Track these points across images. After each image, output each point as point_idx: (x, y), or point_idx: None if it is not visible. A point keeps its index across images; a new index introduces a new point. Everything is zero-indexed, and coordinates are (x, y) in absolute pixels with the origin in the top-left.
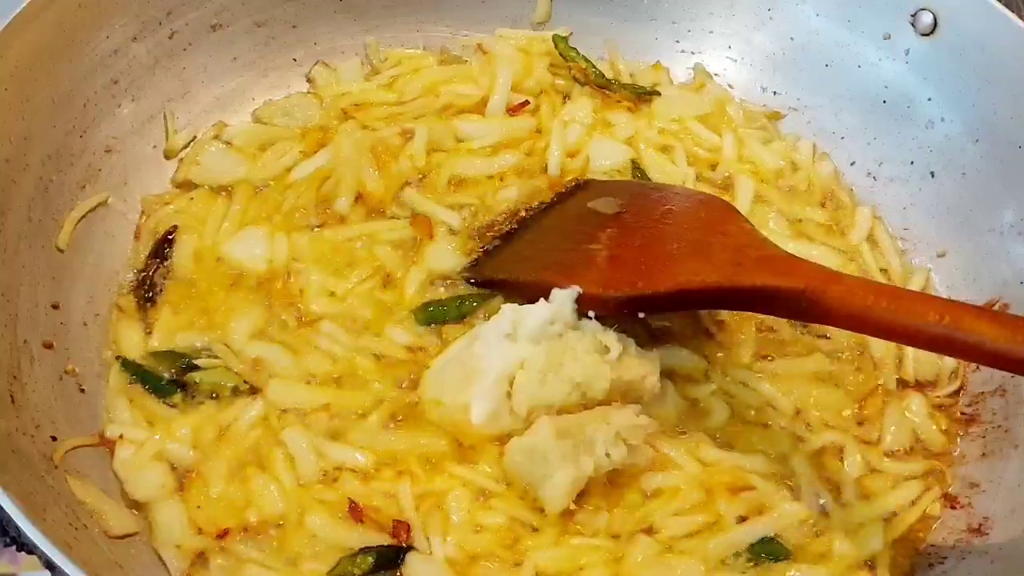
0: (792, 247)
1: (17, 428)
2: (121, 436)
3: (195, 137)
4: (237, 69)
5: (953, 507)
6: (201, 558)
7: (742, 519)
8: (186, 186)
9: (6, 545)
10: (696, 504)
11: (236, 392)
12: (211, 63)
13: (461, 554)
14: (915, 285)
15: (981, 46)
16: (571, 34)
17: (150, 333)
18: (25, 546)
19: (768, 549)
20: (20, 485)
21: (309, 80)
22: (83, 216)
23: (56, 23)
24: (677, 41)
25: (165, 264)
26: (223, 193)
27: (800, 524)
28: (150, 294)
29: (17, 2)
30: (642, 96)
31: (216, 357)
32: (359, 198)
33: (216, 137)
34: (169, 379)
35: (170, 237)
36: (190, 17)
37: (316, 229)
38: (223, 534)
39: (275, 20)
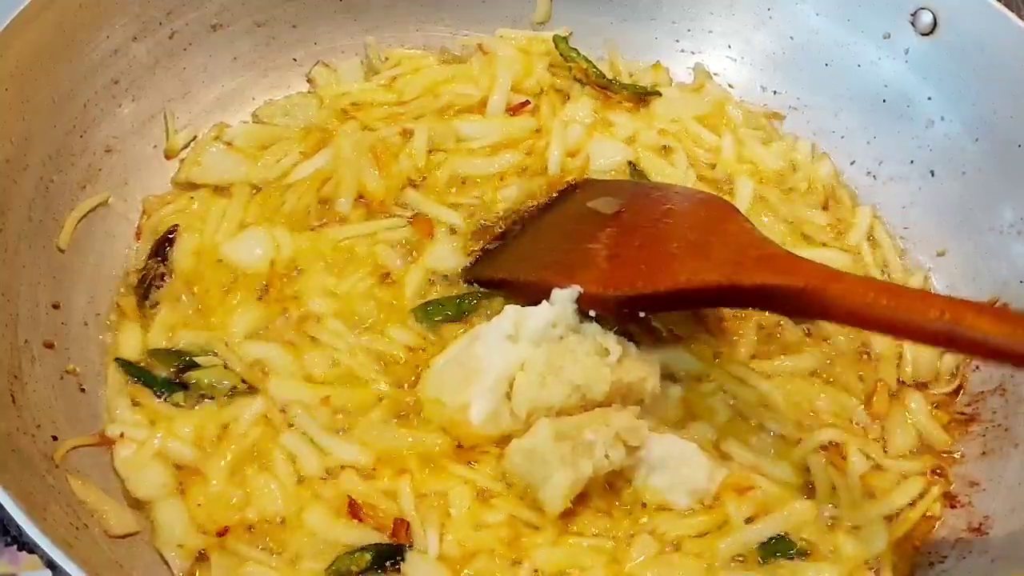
0: (792, 248)
1: (18, 428)
2: (121, 435)
3: (195, 137)
4: (237, 69)
5: (953, 506)
6: (202, 557)
7: (749, 519)
8: (187, 186)
9: (7, 544)
10: (702, 506)
11: (235, 392)
12: (211, 63)
13: (459, 551)
14: (914, 285)
15: (981, 46)
16: (571, 34)
17: (149, 332)
18: (26, 545)
19: (779, 548)
20: (21, 485)
21: (309, 80)
22: (83, 216)
23: (56, 23)
24: (677, 41)
25: (165, 263)
26: (224, 193)
27: (811, 522)
28: (150, 293)
29: (17, 2)
30: (642, 96)
31: (215, 356)
32: (359, 198)
33: (217, 138)
34: (168, 378)
35: (171, 236)
36: (190, 17)
37: (316, 229)
38: (223, 532)
39: (275, 20)
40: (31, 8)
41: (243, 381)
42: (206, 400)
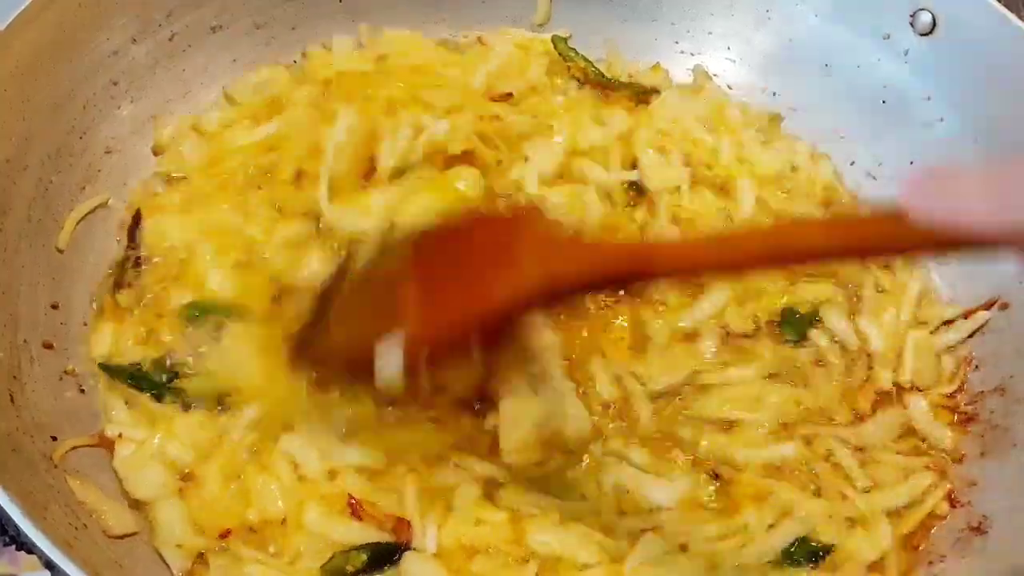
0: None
1: (17, 428)
2: (120, 435)
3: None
4: (237, 70)
5: (953, 506)
6: (202, 558)
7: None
8: (169, 180)
9: (5, 544)
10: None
11: (216, 400)
12: (211, 64)
13: (458, 547)
14: (915, 285)
15: (981, 46)
16: (571, 36)
17: (122, 330)
18: (25, 545)
19: (801, 551)
20: (20, 485)
21: (304, 55)
22: (83, 217)
23: (56, 24)
24: (676, 42)
25: (135, 247)
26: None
27: (826, 521)
28: (123, 282)
29: (17, 2)
30: (642, 96)
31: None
32: (299, 177)
33: (193, 127)
34: (157, 383)
35: (138, 221)
36: (190, 18)
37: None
38: (225, 534)
39: (275, 21)
40: (31, 8)
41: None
42: (197, 407)
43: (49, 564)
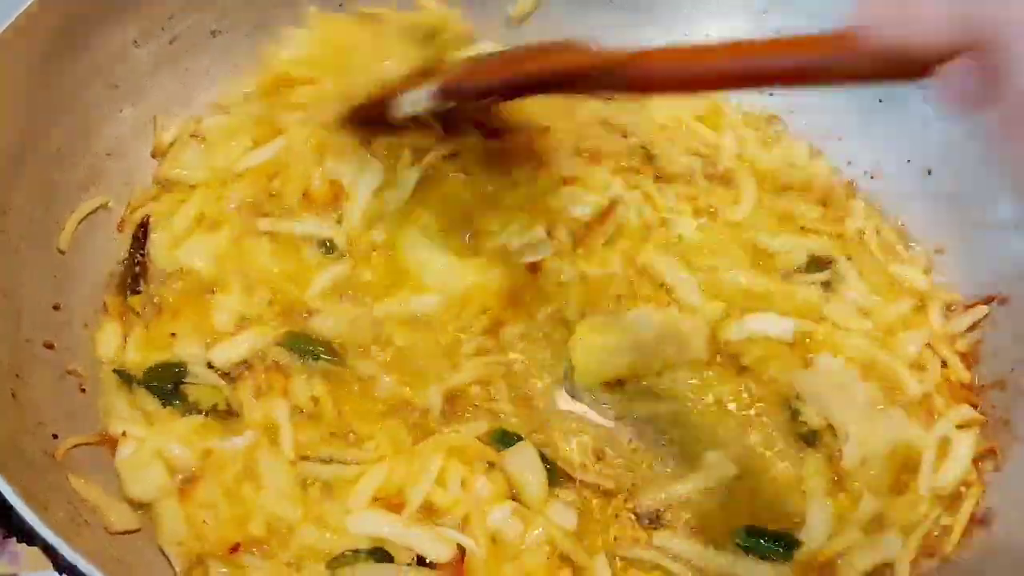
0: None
1: (19, 427)
2: (124, 433)
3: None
4: (238, 74)
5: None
6: (201, 560)
7: None
8: (167, 184)
9: (5, 536)
10: None
11: (216, 411)
12: (212, 68)
13: None
14: (917, 281)
15: None
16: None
17: (130, 335)
18: (26, 536)
19: None
20: (21, 482)
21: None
22: (84, 218)
23: (57, 26)
24: (675, 42)
25: (144, 255)
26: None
27: None
28: (133, 288)
29: (18, 4)
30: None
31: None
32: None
33: (193, 135)
34: (163, 387)
35: (144, 228)
36: (191, 22)
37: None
38: (235, 548)
39: (275, 25)
40: (32, 9)
41: (226, 402)
42: (195, 413)
43: (51, 555)
